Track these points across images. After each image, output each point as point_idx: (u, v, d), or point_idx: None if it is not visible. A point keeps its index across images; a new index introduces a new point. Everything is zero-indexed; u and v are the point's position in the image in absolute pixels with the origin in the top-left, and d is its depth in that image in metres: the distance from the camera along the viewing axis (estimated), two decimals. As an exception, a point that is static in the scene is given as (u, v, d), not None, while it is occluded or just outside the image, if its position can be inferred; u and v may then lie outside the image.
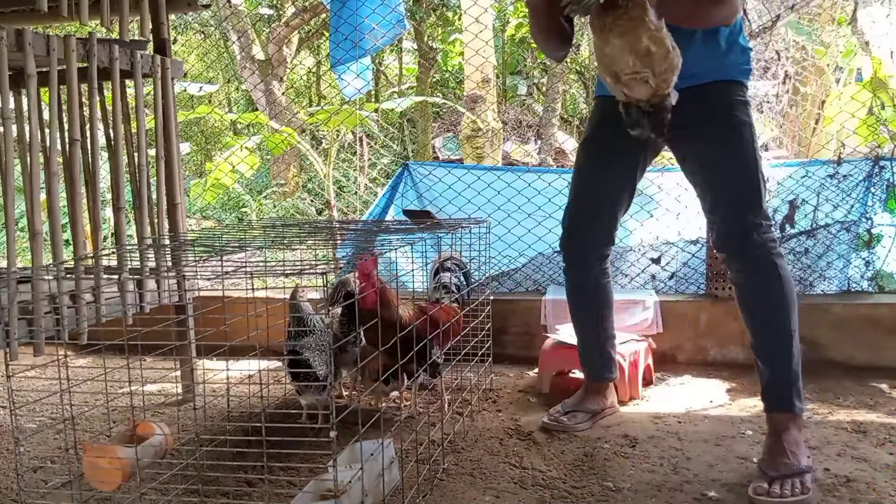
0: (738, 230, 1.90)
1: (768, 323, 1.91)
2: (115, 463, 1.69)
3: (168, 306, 2.48)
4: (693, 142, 1.97)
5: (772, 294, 1.88)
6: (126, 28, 2.33)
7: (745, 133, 1.92)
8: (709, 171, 1.97)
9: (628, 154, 2.07)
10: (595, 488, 1.80)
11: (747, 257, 1.90)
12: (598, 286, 2.23)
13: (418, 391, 2.60)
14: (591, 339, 2.29)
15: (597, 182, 2.13)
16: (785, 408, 1.87)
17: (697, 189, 2.03)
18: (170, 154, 2.50)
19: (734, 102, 1.93)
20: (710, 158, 1.95)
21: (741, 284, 1.94)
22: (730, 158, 1.91)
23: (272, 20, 9.16)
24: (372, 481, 1.65)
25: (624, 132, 1.75)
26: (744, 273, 1.92)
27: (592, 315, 2.27)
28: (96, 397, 2.15)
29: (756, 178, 1.90)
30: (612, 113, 1.84)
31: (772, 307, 1.89)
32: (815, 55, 4.64)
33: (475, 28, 5.97)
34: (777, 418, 1.88)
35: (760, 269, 1.89)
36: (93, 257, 2.16)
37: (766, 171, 3.20)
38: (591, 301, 2.25)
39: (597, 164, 2.13)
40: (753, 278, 1.91)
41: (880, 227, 3.09)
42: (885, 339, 2.74)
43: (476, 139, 6.52)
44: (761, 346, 1.93)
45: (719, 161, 1.93)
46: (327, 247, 2.51)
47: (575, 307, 2.29)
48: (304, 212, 7.57)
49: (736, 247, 1.92)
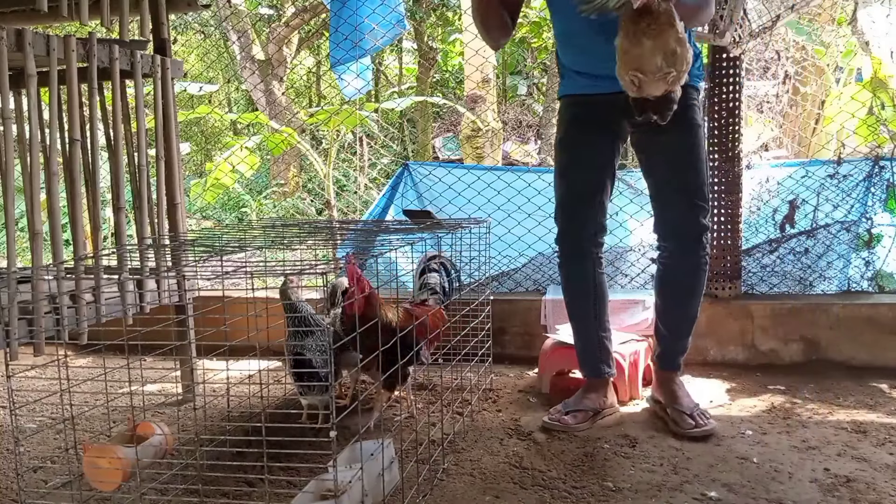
0: (692, 219, 2.16)
1: (687, 304, 2.25)
2: (115, 463, 1.69)
3: (168, 306, 2.48)
4: (658, 136, 2.15)
5: (697, 279, 2.21)
6: (126, 28, 2.33)
7: (700, 134, 2.19)
8: (669, 165, 2.19)
9: (605, 146, 2.24)
10: (595, 488, 1.80)
11: (692, 244, 2.18)
12: (596, 276, 2.30)
13: (419, 391, 2.60)
14: (591, 334, 2.33)
15: (584, 177, 2.25)
16: (676, 367, 2.32)
17: (653, 180, 2.25)
18: (170, 154, 2.50)
19: (691, 105, 2.14)
20: (670, 153, 2.18)
21: (672, 266, 2.23)
22: (687, 154, 2.16)
23: (272, 20, 9.16)
24: (372, 481, 1.65)
25: (598, 127, 2.16)
26: (679, 257, 2.20)
27: (591, 308, 2.32)
28: (96, 397, 2.15)
29: (705, 174, 2.20)
30: (584, 112, 2.21)
31: (693, 290, 2.23)
32: (815, 55, 4.64)
33: (475, 28, 5.97)
34: (670, 374, 2.31)
35: (697, 256, 2.18)
36: (93, 257, 2.17)
37: (766, 171, 3.22)
38: (590, 293, 2.31)
39: (580, 160, 2.25)
40: (687, 262, 2.20)
41: (880, 227, 3.09)
42: (885, 339, 2.74)
43: (476, 139, 6.52)
44: (673, 321, 2.30)
45: (679, 156, 2.16)
46: (327, 247, 2.51)
47: (574, 301, 2.34)
48: (304, 212, 7.57)
49: (686, 234, 2.18)
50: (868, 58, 4.08)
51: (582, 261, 2.28)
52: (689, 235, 2.18)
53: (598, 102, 2.18)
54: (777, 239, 3.10)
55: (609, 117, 2.19)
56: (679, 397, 2.25)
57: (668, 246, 2.24)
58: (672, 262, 2.23)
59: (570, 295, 2.34)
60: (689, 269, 2.21)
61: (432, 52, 9.96)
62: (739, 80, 2.85)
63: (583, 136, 2.24)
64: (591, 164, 2.24)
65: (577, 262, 2.29)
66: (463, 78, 7.72)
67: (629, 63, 1.73)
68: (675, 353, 2.32)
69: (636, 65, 1.71)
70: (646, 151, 2.26)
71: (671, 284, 2.27)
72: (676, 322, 2.30)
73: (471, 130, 6.55)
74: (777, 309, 2.84)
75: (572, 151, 2.27)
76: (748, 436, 2.13)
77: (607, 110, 2.16)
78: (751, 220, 3.16)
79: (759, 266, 3.05)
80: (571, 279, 2.32)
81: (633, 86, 1.73)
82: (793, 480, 1.82)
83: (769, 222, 3.19)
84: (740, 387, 2.59)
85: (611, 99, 2.09)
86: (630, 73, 1.73)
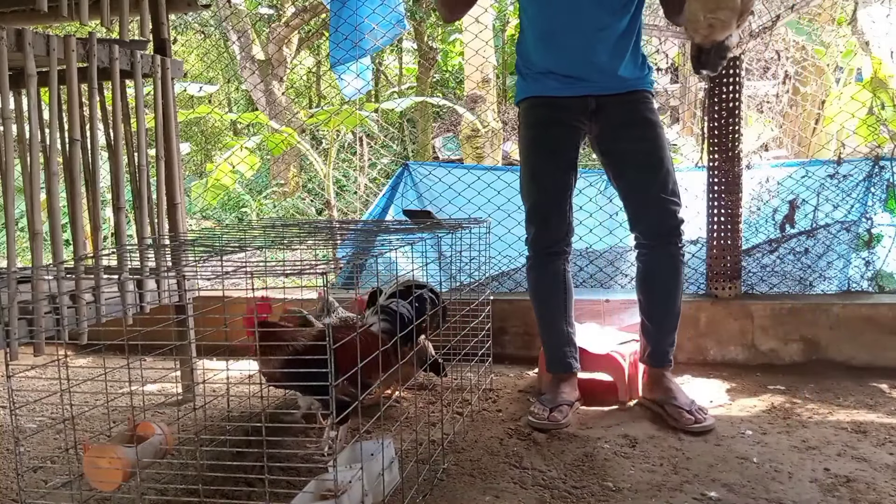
0: (667, 216, 2.23)
1: (669, 299, 2.31)
2: (115, 463, 1.69)
3: (168, 306, 2.48)
4: (621, 139, 2.25)
5: (676, 273, 2.29)
6: (126, 28, 2.33)
7: (661, 133, 2.27)
8: (637, 166, 2.24)
9: (572, 147, 2.30)
10: (595, 488, 1.80)
11: (669, 240, 2.25)
12: (566, 273, 2.38)
13: (419, 391, 2.60)
14: (561, 330, 2.39)
15: (554, 180, 2.30)
16: (667, 363, 2.36)
17: (624, 182, 2.29)
18: (170, 154, 2.50)
19: (648, 107, 2.25)
20: (638, 154, 2.24)
21: (652, 263, 2.30)
22: (653, 153, 2.22)
23: (272, 20, 9.16)
24: (372, 481, 1.65)
25: (565, 129, 2.25)
26: (658, 254, 2.27)
27: (562, 306, 2.38)
28: (96, 397, 2.15)
29: (673, 171, 2.26)
30: (550, 113, 2.26)
31: (675, 284, 2.30)
32: (815, 55, 4.64)
33: (475, 28, 5.97)
34: (662, 371, 2.35)
35: (675, 255, 2.26)
36: (93, 257, 2.16)
37: (766, 171, 3.22)
38: (562, 292, 2.37)
39: (551, 162, 2.30)
40: (665, 258, 2.27)
41: (880, 227, 3.09)
42: (885, 339, 2.74)
43: (476, 139, 6.53)
44: (658, 317, 2.34)
45: (646, 156, 2.23)
46: (327, 247, 2.51)
47: (547, 301, 2.40)
48: (304, 212, 7.57)
49: (662, 231, 2.25)
50: (868, 58, 4.08)
51: (556, 261, 2.34)
52: (665, 232, 2.25)
53: (566, 105, 2.25)
54: (777, 239, 3.11)
55: (576, 120, 2.27)
56: (674, 393, 2.28)
57: (646, 244, 2.30)
58: (651, 260, 2.30)
59: (543, 294, 2.39)
60: (669, 265, 2.28)
61: (432, 52, 9.97)
62: (739, 79, 2.85)
63: (552, 139, 2.29)
64: (560, 165, 2.29)
65: (551, 263, 2.35)
66: (463, 78, 7.72)
67: (708, 5, 1.85)
68: (664, 349, 2.36)
69: (716, 5, 1.83)
70: (612, 155, 2.31)
71: (652, 281, 2.33)
72: (661, 318, 2.35)
73: (471, 130, 6.55)
74: (777, 309, 2.84)
75: (542, 154, 2.30)
76: (748, 436, 2.13)
77: (574, 113, 2.25)
78: (751, 220, 3.16)
79: (759, 266, 3.05)
80: (544, 280, 2.37)
81: (710, 29, 1.85)
82: (793, 480, 1.82)
83: (769, 222, 3.19)
84: (740, 387, 2.59)
85: (579, 102, 2.24)
86: (709, 15, 1.84)
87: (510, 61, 10.67)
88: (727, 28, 1.88)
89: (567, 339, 2.40)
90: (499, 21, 9.45)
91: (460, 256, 2.52)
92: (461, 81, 9.05)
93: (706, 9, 1.86)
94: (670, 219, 2.24)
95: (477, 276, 2.65)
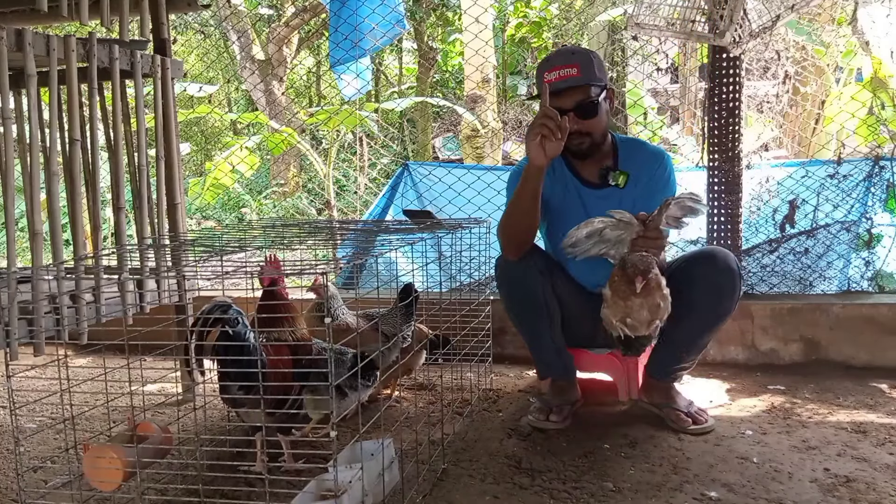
0: None
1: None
2: (115, 463, 1.69)
3: (168, 306, 2.48)
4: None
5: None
6: (126, 28, 2.33)
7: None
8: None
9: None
10: (595, 488, 1.80)
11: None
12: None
13: (419, 391, 2.60)
14: (547, 341, 2.29)
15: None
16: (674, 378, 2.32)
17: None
18: (170, 154, 2.50)
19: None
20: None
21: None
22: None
23: (272, 20, 9.16)
24: (372, 481, 1.65)
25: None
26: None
27: (547, 318, 2.26)
28: (96, 397, 2.15)
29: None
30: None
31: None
32: (815, 55, 4.64)
33: (475, 28, 5.97)
34: (666, 383, 2.30)
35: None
36: (93, 257, 2.16)
37: (766, 171, 3.22)
38: (551, 303, 2.26)
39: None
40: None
41: (880, 227, 3.09)
42: (885, 339, 2.74)
43: (476, 139, 6.52)
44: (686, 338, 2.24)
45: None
46: (327, 247, 2.51)
47: (531, 313, 2.27)
48: (304, 212, 7.57)
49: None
50: (868, 58, 4.08)
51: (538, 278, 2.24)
52: None
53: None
54: (777, 239, 3.10)
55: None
56: (673, 396, 2.28)
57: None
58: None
59: (530, 307, 2.26)
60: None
61: (432, 52, 9.97)
62: (739, 79, 2.85)
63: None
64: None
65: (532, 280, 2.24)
66: (463, 78, 7.72)
67: (618, 313, 1.99)
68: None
69: (625, 314, 1.98)
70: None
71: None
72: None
73: (470, 130, 6.55)
74: (777, 309, 2.84)
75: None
76: (748, 436, 2.13)
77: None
78: (751, 220, 3.16)
79: (759, 266, 3.05)
80: (533, 291, 2.24)
81: (626, 329, 1.99)
82: (793, 480, 1.82)
83: (769, 222, 3.19)
84: (740, 387, 2.59)
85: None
86: (617, 322, 1.99)
87: (510, 61, 10.67)
88: (642, 329, 1.98)
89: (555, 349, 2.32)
90: (499, 21, 9.44)
91: (460, 256, 2.52)
92: (461, 81, 9.03)
93: (615, 316, 2.00)
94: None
95: (477, 276, 2.65)
